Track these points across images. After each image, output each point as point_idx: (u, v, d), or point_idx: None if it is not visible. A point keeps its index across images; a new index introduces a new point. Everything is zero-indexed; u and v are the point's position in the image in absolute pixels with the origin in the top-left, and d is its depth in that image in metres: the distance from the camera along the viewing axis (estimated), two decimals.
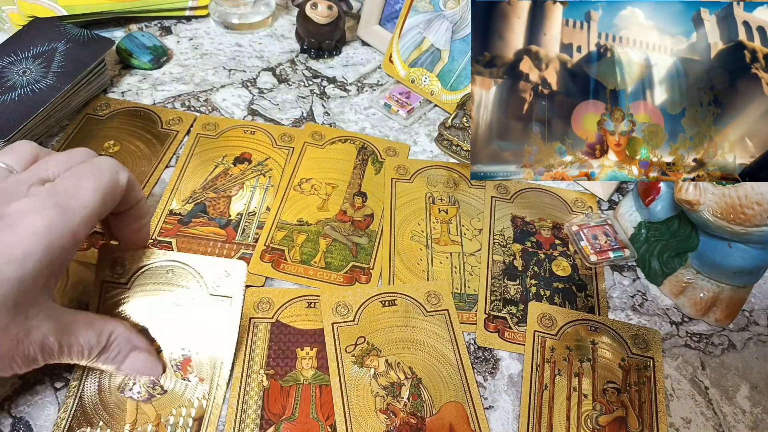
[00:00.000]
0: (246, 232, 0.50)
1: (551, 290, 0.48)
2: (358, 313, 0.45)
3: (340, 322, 0.44)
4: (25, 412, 0.38)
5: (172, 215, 0.50)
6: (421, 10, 0.63)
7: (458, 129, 0.58)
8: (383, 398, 0.40)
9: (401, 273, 0.48)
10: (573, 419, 0.41)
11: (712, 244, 0.45)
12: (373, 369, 0.42)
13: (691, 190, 0.42)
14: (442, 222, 0.52)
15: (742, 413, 0.43)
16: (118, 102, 0.60)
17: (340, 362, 0.42)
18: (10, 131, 0.50)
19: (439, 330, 0.44)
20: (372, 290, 0.46)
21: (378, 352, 0.43)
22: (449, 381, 0.42)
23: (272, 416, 0.40)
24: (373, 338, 0.43)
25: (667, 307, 0.49)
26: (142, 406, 0.39)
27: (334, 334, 0.43)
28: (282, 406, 0.40)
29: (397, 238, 0.50)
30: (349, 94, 0.65)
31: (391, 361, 0.42)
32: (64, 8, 0.62)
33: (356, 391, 0.41)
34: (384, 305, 0.45)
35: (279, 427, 0.39)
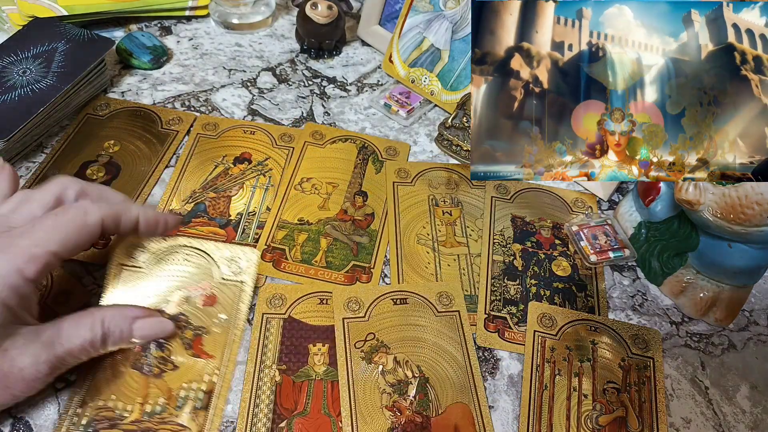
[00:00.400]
0: (246, 232, 0.50)
1: (551, 290, 0.48)
2: (369, 310, 0.45)
3: (351, 318, 0.44)
4: (25, 412, 0.38)
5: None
6: (421, 10, 0.63)
7: (458, 129, 0.58)
8: (390, 395, 0.41)
9: (409, 276, 0.48)
10: (573, 419, 0.41)
11: (712, 244, 0.45)
12: (381, 366, 0.42)
13: (691, 190, 0.42)
14: (447, 224, 0.52)
15: (742, 413, 0.43)
16: (118, 102, 0.60)
17: (348, 357, 0.42)
18: (10, 131, 0.50)
19: (448, 331, 0.44)
20: (385, 288, 0.47)
21: (387, 349, 0.43)
22: (456, 382, 0.42)
23: (284, 411, 0.40)
24: (382, 335, 0.43)
25: (667, 307, 0.49)
26: (153, 380, 0.40)
27: (344, 330, 0.43)
28: (294, 401, 0.40)
29: (403, 242, 0.50)
30: (349, 94, 0.65)
31: (399, 358, 0.42)
32: (64, 8, 0.62)
33: (363, 386, 0.41)
34: (396, 303, 0.46)
35: (291, 422, 0.39)
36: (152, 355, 0.41)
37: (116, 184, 0.52)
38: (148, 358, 0.41)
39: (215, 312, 0.43)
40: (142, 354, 0.41)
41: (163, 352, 0.41)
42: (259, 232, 0.50)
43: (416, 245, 0.50)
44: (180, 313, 0.43)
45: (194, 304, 0.43)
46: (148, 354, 0.41)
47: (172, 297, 0.43)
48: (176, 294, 0.43)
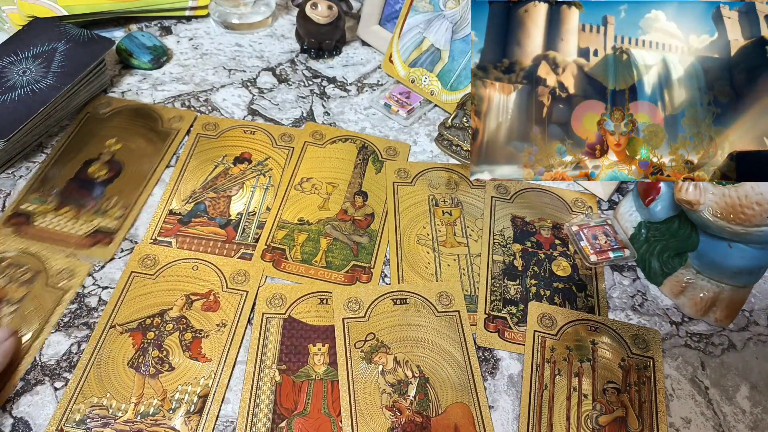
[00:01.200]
0: (246, 231, 0.50)
1: (551, 290, 0.48)
2: (369, 310, 0.45)
3: (351, 318, 0.44)
4: (25, 412, 0.38)
5: (172, 215, 0.50)
6: (421, 10, 0.63)
7: (458, 129, 0.58)
8: (390, 395, 0.41)
9: (409, 276, 0.48)
10: (573, 419, 0.41)
11: (712, 244, 0.45)
12: (381, 366, 0.42)
13: (691, 190, 0.42)
14: (447, 224, 0.52)
15: (742, 413, 0.43)
16: (119, 100, 0.60)
17: (348, 357, 0.42)
18: (10, 131, 0.50)
19: (448, 331, 0.44)
20: (384, 288, 0.47)
21: (387, 349, 0.43)
22: (456, 382, 0.42)
23: (284, 411, 0.40)
24: (382, 335, 0.44)
25: (667, 307, 0.49)
26: (149, 381, 0.40)
27: (344, 329, 0.43)
28: (294, 401, 0.41)
29: (403, 242, 0.50)
30: (349, 94, 0.65)
31: (399, 358, 0.42)
32: (64, 8, 0.62)
33: (363, 386, 0.41)
34: (396, 303, 0.46)
35: (291, 421, 0.40)
36: (150, 355, 0.41)
37: (118, 183, 0.52)
38: (147, 358, 0.41)
39: (216, 317, 0.44)
40: (140, 353, 0.41)
41: (161, 353, 0.41)
42: (259, 232, 0.50)
43: (416, 245, 0.50)
44: (181, 316, 0.43)
45: (196, 308, 0.44)
46: (146, 353, 0.41)
47: (176, 300, 0.44)
48: (179, 298, 0.44)
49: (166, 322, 0.43)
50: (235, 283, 0.46)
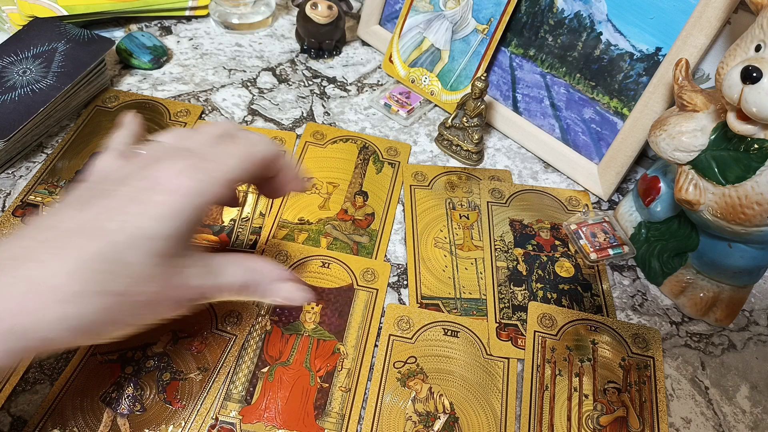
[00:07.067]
0: (240, 238, 0.50)
1: (558, 292, 0.48)
2: (417, 333, 0.44)
3: (398, 336, 0.44)
4: (25, 411, 0.38)
5: None
6: (421, 10, 0.63)
7: (458, 129, 0.58)
8: (414, 424, 0.40)
9: (427, 281, 0.48)
10: (574, 420, 0.41)
11: (712, 244, 0.45)
12: (415, 392, 0.41)
13: (691, 190, 0.42)
14: (464, 228, 0.52)
15: (742, 413, 0.43)
16: (127, 94, 0.60)
17: (384, 374, 0.42)
18: (10, 131, 0.50)
19: (493, 377, 0.43)
20: (439, 315, 0.45)
21: (424, 377, 0.42)
22: (486, 430, 0.40)
23: (268, 358, 0.42)
24: (424, 362, 0.43)
25: (667, 307, 0.49)
26: (118, 419, 0.38)
27: (388, 346, 0.43)
28: (279, 351, 0.42)
29: (420, 246, 0.50)
30: (349, 94, 0.65)
31: (434, 390, 0.41)
32: (64, 8, 0.62)
33: (390, 408, 0.40)
34: (446, 333, 0.45)
35: (273, 369, 0.41)
36: (125, 392, 0.39)
37: None
38: (122, 394, 0.39)
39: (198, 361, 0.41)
40: (116, 389, 0.39)
41: (135, 390, 0.39)
42: (253, 238, 0.50)
43: (433, 248, 0.50)
44: (163, 353, 0.41)
45: (182, 346, 0.42)
46: (122, 390, 0.39)
47: (162, 336, 0.42)
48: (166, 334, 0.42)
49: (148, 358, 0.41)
50: None
